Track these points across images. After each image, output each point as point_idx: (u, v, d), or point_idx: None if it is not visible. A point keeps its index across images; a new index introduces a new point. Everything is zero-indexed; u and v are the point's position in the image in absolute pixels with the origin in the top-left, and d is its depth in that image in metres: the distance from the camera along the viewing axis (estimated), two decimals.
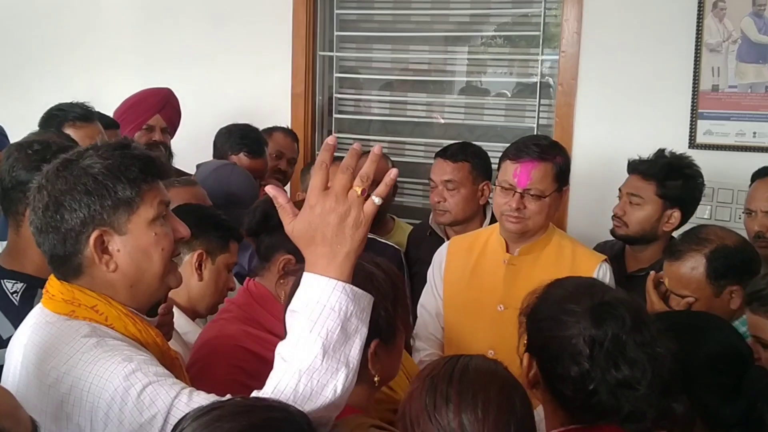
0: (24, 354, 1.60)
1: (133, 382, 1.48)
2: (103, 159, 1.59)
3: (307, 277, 1.44)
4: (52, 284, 1.65)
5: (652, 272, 2.53)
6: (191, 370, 1.94)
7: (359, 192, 1.40)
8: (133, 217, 1.60)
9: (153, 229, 1.62)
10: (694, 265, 2.37)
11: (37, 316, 1.65)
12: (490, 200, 3.08)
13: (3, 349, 1.77)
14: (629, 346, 1.48)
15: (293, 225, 1.44)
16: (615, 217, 2.96)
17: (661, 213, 2.89)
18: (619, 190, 2.99)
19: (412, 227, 3.58)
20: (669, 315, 2.16)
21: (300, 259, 2.04)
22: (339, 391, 1.37)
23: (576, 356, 1.50)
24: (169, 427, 1.37)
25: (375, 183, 1.34)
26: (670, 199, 2.89)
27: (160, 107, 3.68)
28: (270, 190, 1.48)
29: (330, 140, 1.44)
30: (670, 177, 2.90)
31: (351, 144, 4.32)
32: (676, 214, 2.90)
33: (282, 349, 1.40)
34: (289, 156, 3.94)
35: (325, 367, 1.36)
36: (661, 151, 2.96)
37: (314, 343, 1.36)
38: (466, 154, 3.20)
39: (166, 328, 1.97)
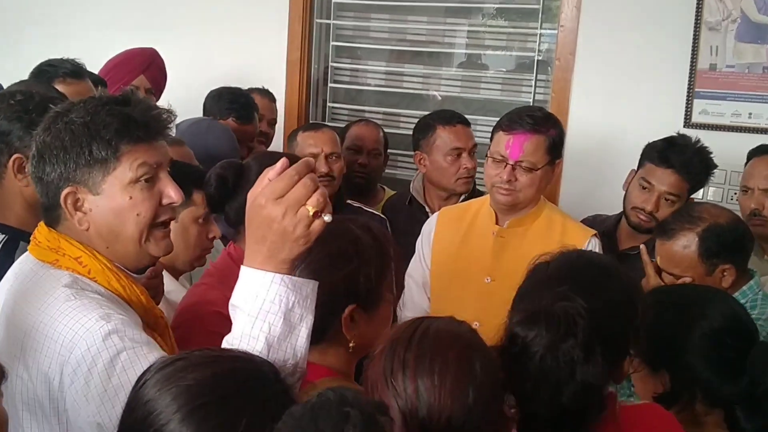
0: (5, 299, 1.61)
1: (108, 345, 1.46)
2: (86, 114, 1.56)
3: (245, 272, 1.43)
4: (41, 231, 1.65)
5: (643, 245, 2.51)
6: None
7: (311, 212, 1.37)
8: (109, 177, 1.57)
9: (129, 193, 1.58)
10: (686, 244, 2.34)
11: (23, 262, 1.66)
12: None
13: None
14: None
15: (254, 198, 1.42)
16: (644, 211, 2.79)
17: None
18: (645, 180, 2.80)
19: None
20: (670, 289, 2.14)
21: None
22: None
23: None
24: None
25: (364, 149, 1.31)
26: (693, 192, 2.84)
27: (145, 67, 3.60)
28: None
29: (311, 162, 1.41)
30: (705, 177, 2.83)
31: (345, 114, 4.32)
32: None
33: (229, 343, 1.40)
34: (269, 117, 3.90)
35: (271, 360, 1.34)
36: (685, 138, 2.84)
37: (257, 339, 1.35)
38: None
39: (153, 291, 1.93)
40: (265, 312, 1.39)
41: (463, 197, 3.14)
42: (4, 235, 2.05)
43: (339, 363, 1.64)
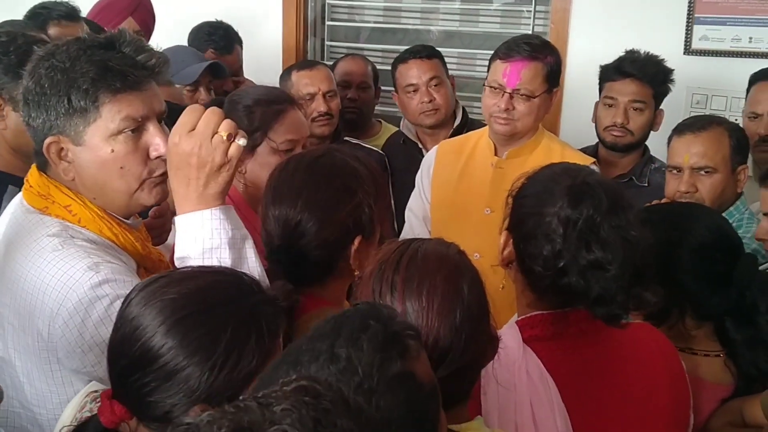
0: None
1: (100, 294, 1.45)
2: (67, 60, 1.49)
3: (179, 221, 1.46)
4: (33, 174, 1.62)
5: None
6: None
7: (224, 136, 1.38)
8: (90, 128, 1.50)
9: (111, 145, 1.51)
10: (719, 137, 2.37)
11: (15, 206, 1.63)
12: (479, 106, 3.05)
13: None
14: (603, 227, 1.47)
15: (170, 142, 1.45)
16: (615, 126, 2.86)
17: (654, 115, 2.87)
18: (608, 97, 2.90)
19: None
20: (657, 207, 2.15)
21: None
22: None
23: (549, 234, 1.50)
24: None
25: (352, 83, 1.28)
26: (659, 101, 2.88)
27: (133, 9, 3.51)
28: None
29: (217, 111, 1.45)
30: (664, 80, 2.88)
31: (343, 53, 4.27)
32: (662, 114, 2.92)
33: None
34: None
35: None
36: (634, 51, 2.92)
37: None
38: (433, 51, 3.20)
39: (157, 231, 1.93)
40: (209, 250, 1.42)
41: (453, 130, 3.15)
42: None
43: (337, 293, 1.67)
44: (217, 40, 3.52)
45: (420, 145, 3.19)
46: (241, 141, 1.43)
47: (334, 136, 3.19)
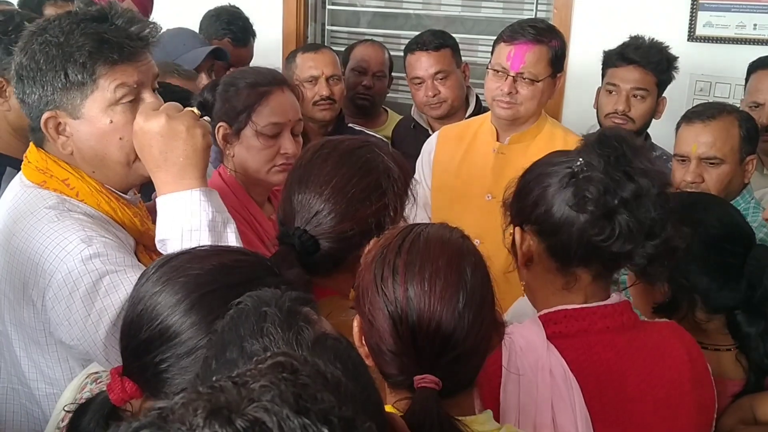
0: None
1: (90, 268, 1.45)
2: (60, 34, 1.49)
3: (159, 203, 1.47)
4: (31, 150, 1.62)
5: None
6: None
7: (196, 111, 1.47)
8: (87, 101, 1.51)
9: (109, 116, 1.52)
10: (728, 127, 2.33)
11: (16, 182, 1.64)
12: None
13: None
14: (634, 163, 1.45)
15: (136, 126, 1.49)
16: (617, 114, 2.83)
17: (656, 103, 2.85)
18: (610, 84, 2.88)
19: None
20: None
21: (232, 124, 2.02)
22: None
23: (580, 185, 1.45)
24: None
25: (369, 71, 1.23)
26: (662, 89, 2.85)
27: None
28: None
29: None
30: (667, 68, 2.85)
31: (344, 38, 4.23)
32: (664, 101, 2.89)
33: None
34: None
35: None
36: (638, 37, 2.89)
37: None
38: (444, 39, 3.15)
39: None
40: (188, 232, 1.42)
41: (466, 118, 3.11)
42: None
43: (344, 285, 1.64)
44: (236, 30, 3.50)
45: (430, 132, 3.16)
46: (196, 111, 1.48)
47: (337, 121, 3.16)
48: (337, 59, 3.22)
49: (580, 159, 1.47)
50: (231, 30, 3.49)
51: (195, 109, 1.53)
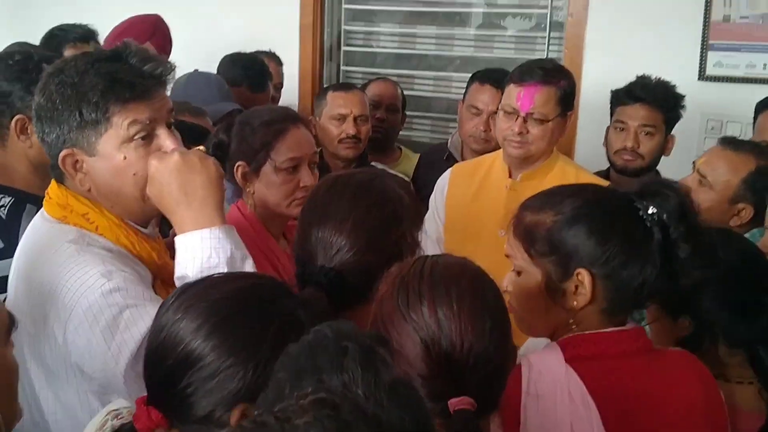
0: (18, 255, 1.64)
1: (110, 302, 1.46)
2: (75, 75, 1.53)
3: (178, 242, 1.50)
4: (52, 186, 1.65)
5: None
6: None
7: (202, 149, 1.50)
8: (102, 139, 1.54)
9: (123, 152, 1.55)
10: (745, 162, 2.35)
11: (38, 218, 1.67)
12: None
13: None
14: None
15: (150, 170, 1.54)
16: (626, 150, 2.88)
17: (665, 140, 2.88)
18: (618, 121, 2.93)
19: (419, 155, 3.57)
20: None
21: (251, 162, 2.07)
22: None
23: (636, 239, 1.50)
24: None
25: (382, 104, 1.28)
26: (670, 126, 2.89)
27: (150, 35, 3.53)
28: None
29: None
30: (675, 106, 2.89)
31: (360, 77, 4.28)
32: (673, 139, 2.93)
33: None
34: (275, 81, 3.88)
35: None
36: (645, 76, 2.95)
37: None
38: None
39: None
40: (207, 269, 1.44)
41: None
42: (10, 198, 2.05)
43: (364, 321, 1.64)
44: (253, 76, 3.58)
45: None
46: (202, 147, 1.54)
47: (360, 159, 3.21)
48: (366, 101, 3.26)
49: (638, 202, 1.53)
50: (248, 76, 3.56)
51: (201, 147, 1.59)
